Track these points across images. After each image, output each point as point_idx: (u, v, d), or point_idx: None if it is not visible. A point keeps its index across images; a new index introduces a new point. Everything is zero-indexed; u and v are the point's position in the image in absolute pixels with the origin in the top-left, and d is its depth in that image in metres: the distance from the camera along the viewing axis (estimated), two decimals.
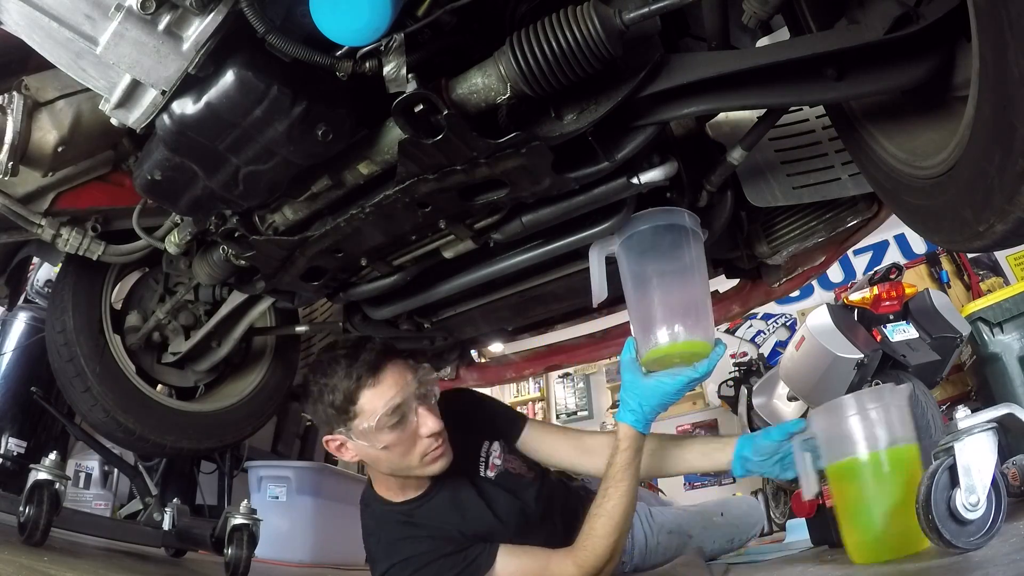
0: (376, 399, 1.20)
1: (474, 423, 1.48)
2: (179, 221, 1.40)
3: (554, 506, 1.50)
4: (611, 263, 1.31)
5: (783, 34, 1.15)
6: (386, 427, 1.19)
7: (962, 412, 1.13)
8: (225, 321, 1.83)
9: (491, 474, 1.43)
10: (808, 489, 1.33)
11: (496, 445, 1.47)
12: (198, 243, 1.45)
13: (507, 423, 1.55)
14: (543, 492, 1.48)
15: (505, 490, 1.42)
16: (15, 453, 2.34)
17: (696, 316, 1.20)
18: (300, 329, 1.98)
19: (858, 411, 1.24)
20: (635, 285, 1.24)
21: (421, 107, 0.91)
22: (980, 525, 1.06)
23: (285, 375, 2.11)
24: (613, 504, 1.22)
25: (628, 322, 1.45)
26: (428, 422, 1.23)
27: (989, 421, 1.11)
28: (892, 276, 2.80)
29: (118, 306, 1.88)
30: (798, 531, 2.55)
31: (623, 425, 1.24)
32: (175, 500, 2.12)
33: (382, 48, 0.88)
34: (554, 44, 0.87)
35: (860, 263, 5.37)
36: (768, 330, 5.89)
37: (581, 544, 1.24)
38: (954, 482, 1.08)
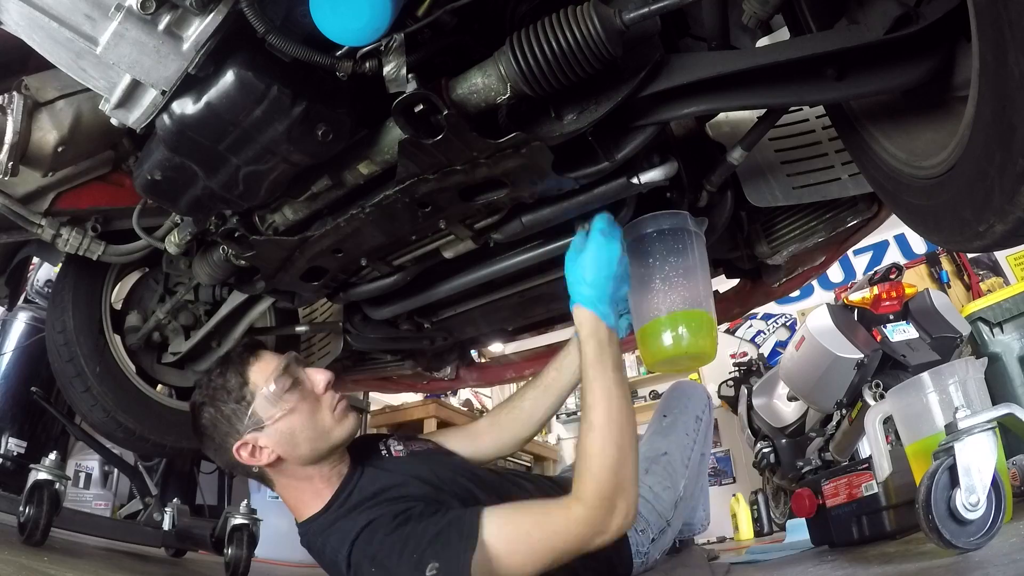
0: (264, 368, 1.19)
1: (366, 440, 1.41)
2: (179, 221, 1.40)
3: (511, 478, 1.40)
4: None
5: (783, 34, 1.15)
6: (285, 389, 1.16)
7: (962, 412, 1.13)
8: (225, 321, 1.83)
9: (399, 457, 1.32)
10: (882, 468, 1.29)
11: (391, 440, 1.37)
12: (198, 243, 1.45)
13: (400, 433, 1.47)
14: (474, 472, 1.33)
15: (426, 456, 1.32)
16: (15, 453, 2.34)
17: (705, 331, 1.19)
18: (300, 329, 1.98)
19: (935, 389, 1.22)
20: (639, 287, 1.24)
21: (421, 107, 0.91)
22: (980, 525, 1.07)
23: None
24: (596, 413, 1.05)
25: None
26: (318, 376, 1.22)
27: (989, 421, 1.11)
28: (892, 276, 2.79)
29: (118, 306, 1.88)
30: (798, 531, 2.55)
31: (575, 310, 1.13)
32: (175, 500, 2.13)
33: (382, 48, 0.88)
34: (554, 44, 0.87)
35: (860, 263, 5.36)
36: (768, 330, 5.89)
37: (578, 475, 1.05)
38: (954, 482, 1.08)
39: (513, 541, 1.02)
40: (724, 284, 1.86)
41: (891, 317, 2.69)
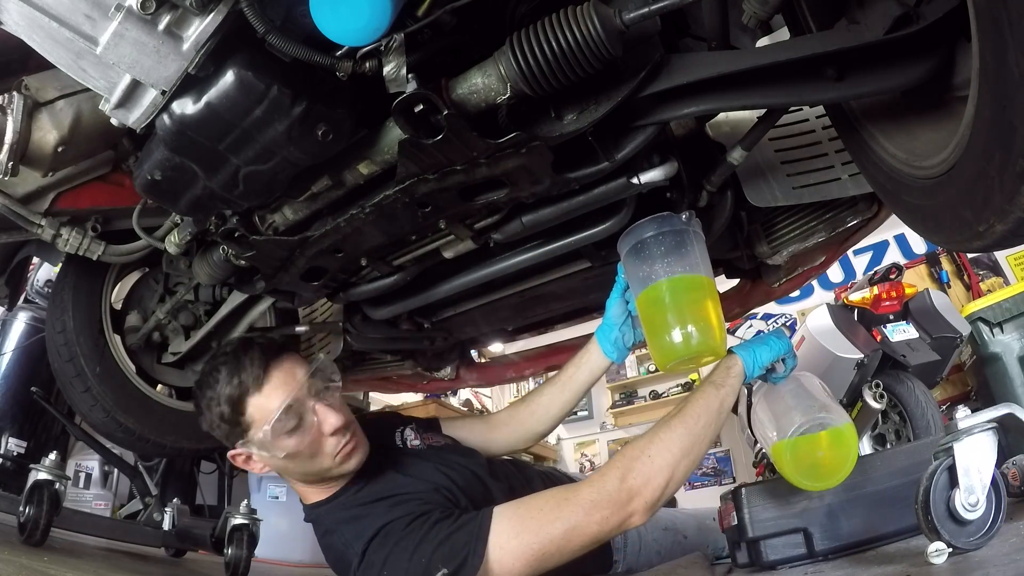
0: (266, 404, 1.09)
1: (383, 421, 1.45)
2: (179, 221, 1.40)
3: (526, 481, 1.41)
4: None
5: (783, 34, 1.15)
6: (283, 433, 1.08)
7: (962, 412, 1.13)
8: (225, 321, 1.83)
9: (415, 450, 1.33)
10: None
11: (408, 430, 1.38)
12: (198, 243, 1.45)
13: (420, 420, 1.50)
14: (491, 463, 1.37)
15: (443, 453, 1.32)
16: (15, 453, 2.34)
17: (707, 316, 1.19)
18: (300, 329, 1.98)
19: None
20: (643, 290, 1.23)
21: (421, 107, 0.91)
22: (980, 525, 1.07)
23: None
24: (690, 419, 1.11)
25: None
26: (329, 419, 1.12)
27: (989, 421, 1.11)
28: (892, 276, 2.80)
29: (118, 306, 1.88)
30: None
31: (731, 354, 1.22)
32: (175, 500, 2.13)
33: (382, 48, 0.88)
34: (554, 44, 0.87)
35: (860, 263, 5.37)
36: (768, 330, 5.89)
37: (630, 451, 1.07)
38: (954, 482, 1.08)
39: (523, 533, 1.03)
40: (724, 284, 1.86)
41: (891, 317, 2.70)
